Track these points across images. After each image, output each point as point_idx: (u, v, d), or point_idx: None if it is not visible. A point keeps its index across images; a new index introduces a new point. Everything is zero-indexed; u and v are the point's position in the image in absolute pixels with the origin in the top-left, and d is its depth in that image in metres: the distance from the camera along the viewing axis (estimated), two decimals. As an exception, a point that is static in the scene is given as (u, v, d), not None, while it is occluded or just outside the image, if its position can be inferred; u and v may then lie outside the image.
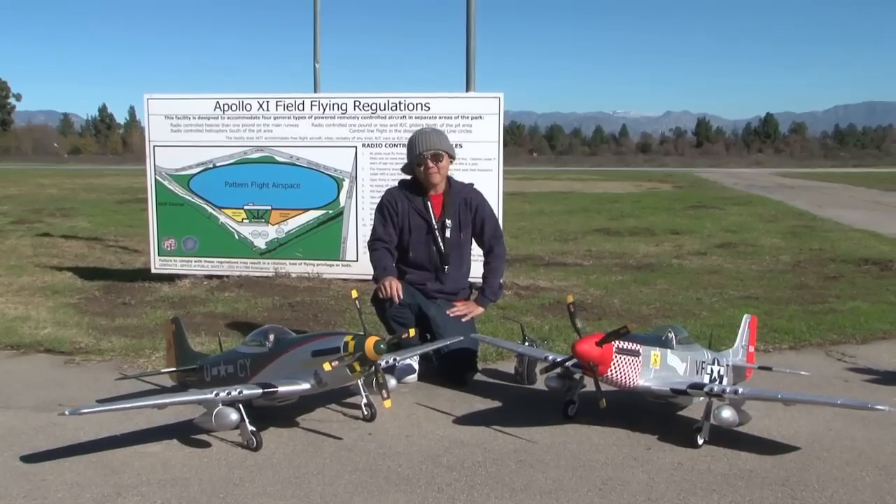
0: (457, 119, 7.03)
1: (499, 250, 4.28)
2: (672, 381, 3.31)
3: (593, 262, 9.45)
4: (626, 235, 12.64)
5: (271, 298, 6.69)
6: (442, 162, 4.10)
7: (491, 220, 4.29)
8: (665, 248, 10.89)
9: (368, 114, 7.12)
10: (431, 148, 4.07)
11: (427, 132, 4.23)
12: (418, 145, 4.10)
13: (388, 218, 4.21)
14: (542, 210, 18.99)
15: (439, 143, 4.14)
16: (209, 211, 7.43)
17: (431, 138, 4.14)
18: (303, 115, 7.22)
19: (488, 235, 4.27)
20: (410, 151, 4.21)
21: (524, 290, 7.20)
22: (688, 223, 14.83)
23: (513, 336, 5.08)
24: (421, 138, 4.13)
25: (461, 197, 4.24)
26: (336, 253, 7.32)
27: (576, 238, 12.33)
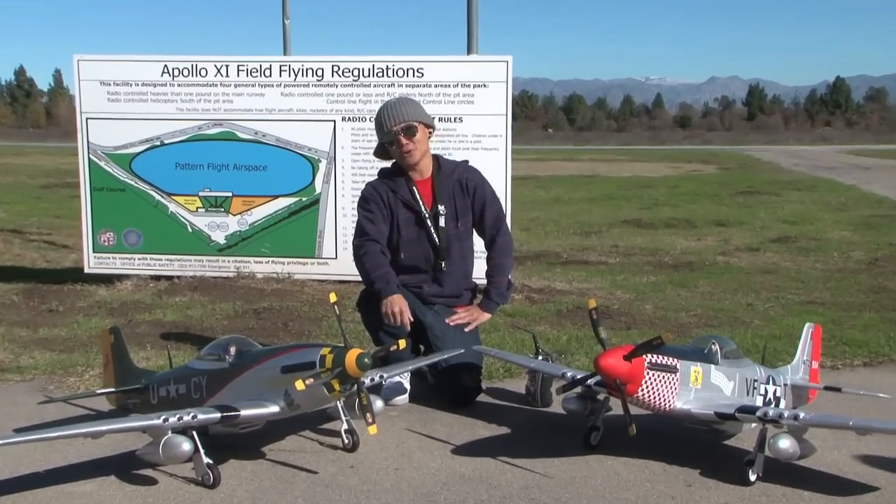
0: (456, 88, 7.02)
1: (503, 241, 4.28)
2: (717, 404, 3.31)
3: (621, 259, 9.43)
4: (661, 228, 12.63)
5: (232, 304, 6.67)
6: (417, 135, 4.09)
7: (493, 203, 4.28)
8: (708, 242, 10.87)
9: (349, 81, 7.13)
10: (401, 120, 4.07)
11: (393, 103, 4.22)
12: (385, 121, 4.11)
13: (377, 211, 4.20)
14: (558, 197, 18.99)
15: (410, 112, 4.13)
16: (156, 198, 7.43)
17: (399, 109, 4.13)
18: (270, 83, 7.20)
19: (490, 223, 4.26)
20: (379, 130, 4.21)
21: (537, 293, 7.19)
22: (736, 213, 14.75)
23: (523, 349, 5.06)
24: (387, 112, 4.13)
25: (454, 178, 4.23)
26: (311, 249, 7.33)
27: (599, 231, 12.31)
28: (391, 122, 4.07)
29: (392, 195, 4.20)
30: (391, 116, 4.09)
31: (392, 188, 4.20)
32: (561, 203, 17.46)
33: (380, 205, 4.20)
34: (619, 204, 17.08)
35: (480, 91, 6.99)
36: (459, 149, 6.72)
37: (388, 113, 4.11)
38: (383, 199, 4.20)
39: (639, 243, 10.79)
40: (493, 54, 7.13)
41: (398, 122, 4.07)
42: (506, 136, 7.02)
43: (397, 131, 4.05)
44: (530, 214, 14.69)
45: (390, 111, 4.11)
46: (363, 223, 4.23)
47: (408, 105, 4.18)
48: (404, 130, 4.06)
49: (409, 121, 4.08)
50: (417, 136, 4.10)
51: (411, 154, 4.09)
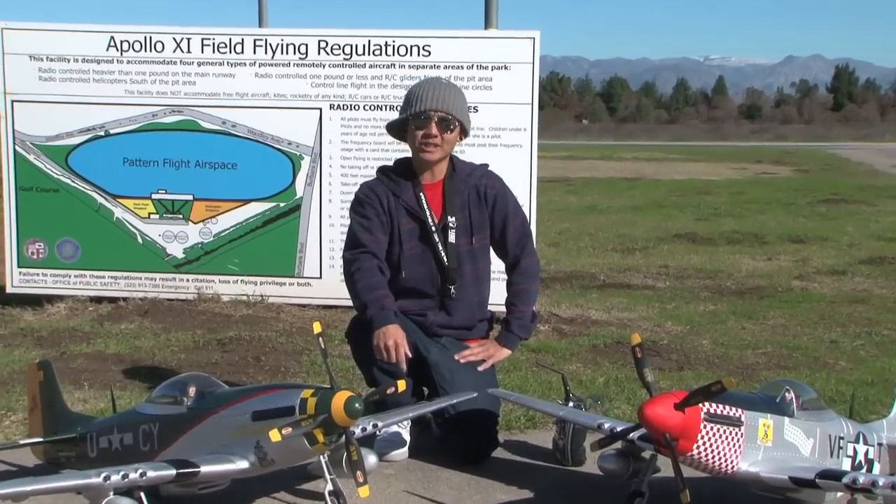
0: (470, 69, 7.11)
1: (528, 263, 4.28)
2: (792, 467, 3.28)
3: (671, 283, 9.47)
4: (722, 244, 12.66)
5: (192, 333, 6.71)
6: (450, 133, 4.13)
7: (516, 217, 4.29)
8: (781, 263, 10.90)
9: (340, 60, 7.21)
10: (443, 107, 4.11)
11: (440, 83, 4.27)
12: (424, 97, 4.13)
13: (375, 217, 4.21)
14: (595, 205, 19.01)
15: (457, 104, 4.17)
16: (99, 201, 7.48)
17: (446, 94, 4.17)
18: (241, 61, 7.27)
19: (513, 242, 4.27)
20: (408, 104, 4.23)
21: (568, 323, 7.20)
22: (817, 227, 14.77)
23: (551, 393, 5.08)
24: (429, 90, 4.16)
25: (470, 185, 4.24)
26: (290, 266, 7.39)
27: (646, 247, 12.35)
28: (430, 101, 4.09)
29: (393, 199, 4.20)
30: (433, 97, 4.12)
31: (394, 190, 4.20)
32: (597, 212, 17.41)
33: (378, 209, 4.19)
34: (669, 213, 17.08)
35: (500, 74, 7.03)
36: (473, 145, 6.70)
37: (430, 91, 4.14)
38: (382, 202, 4.20)
39: (694, 263, 10.78)
40: (517, 29, 7.20)
41: (438, 106, 4.09)
42: (531, 129, 7.06)
43: (433, 117, 4.08)
44: (560, 226, 14.63)
45: (434, 90, 4.15)
46: (357, 231, 4.22)
47: (456, 95, 4.23)
48: (440, 122, 4.09)
49: (451, 112, 4.12)
50: (451, 135, 4.14)
51: (433, 151, 4.11)
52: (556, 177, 26.27)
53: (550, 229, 13.60)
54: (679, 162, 38.47)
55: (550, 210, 16.51)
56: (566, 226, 14.65)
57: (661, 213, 17.13)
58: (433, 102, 4.08)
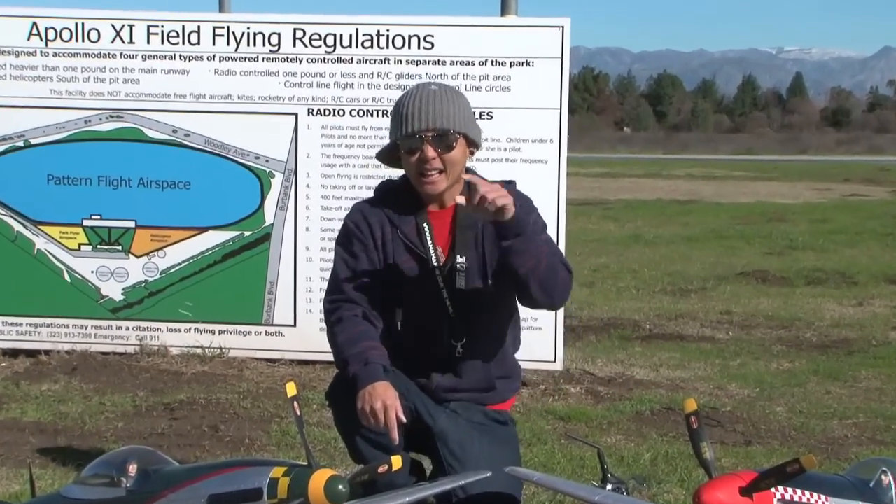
0: (483, 66, 7.22)
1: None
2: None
3: (736, 334, 9.46)
4: (801, 285, 12.70)
5: (132, 395, 6.70)
6: (452, 151, 4.05)
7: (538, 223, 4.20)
8: (876, 309, 10.90)
9: (320, 53, 7.33)
10: (435, 122, 4.03)
11: (428, 92, 4.15)
12: (410, 116, 4.07)
13: (363, 253, 4.19)
14: (639, 234, 19.16)
15: (452, 113, 4.08)
16: (15, 229, 7.51)
17: (436, 104, 4.07)
18: (197, 54, 7.36)
19: None
20: (396, 126, 4.18)
21: (605, 384, 7.22)
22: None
23: (584, 473, 5.10)
24: (416, 104, 4.08)
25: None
26: (256, 311, 7.43)
27: (703, 288, 12.40)
28: (419, 118, 4.01)
29: (390, 230, 4.18)
30: (421, 112, 4.03)
31: (392, 218, 4.17)
32: (642, 243, 17.50)
33: (368, 244, 4.15)
34: (733, 246, 17.13)
35: (521, 72, 7.14)
36: (487, 160, 6.70)
37: (416, 105, 4.06)
38: (375, 234, 4.16)
39: (764, 309, 10.78)
40: (542, 16, 7.31)
41: (429, 124, 4.02)
42: (559, 139, 7.14)
43: (425, 138, 4.02)
44: (595, 260, 14.70)
45: (421, 104, 4.06)
46: (339, 272, 4.18)
47: (451, 101, 4.11)
48: (436, 139, 4.02)
49: (447, 126, 4.03)
50: (453, 153, 4.04)
51: (435, 182, 4.04)
52: (591, 199, 26.25)
53: (583, 265, 13.62)
54: (745, 180, 38.45)
55: (583, 241, 16.54)
56: (603, 261, 14.69)
57: (723, 246, 17.13)
58: (423, 119, 4.02)
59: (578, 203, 23.68)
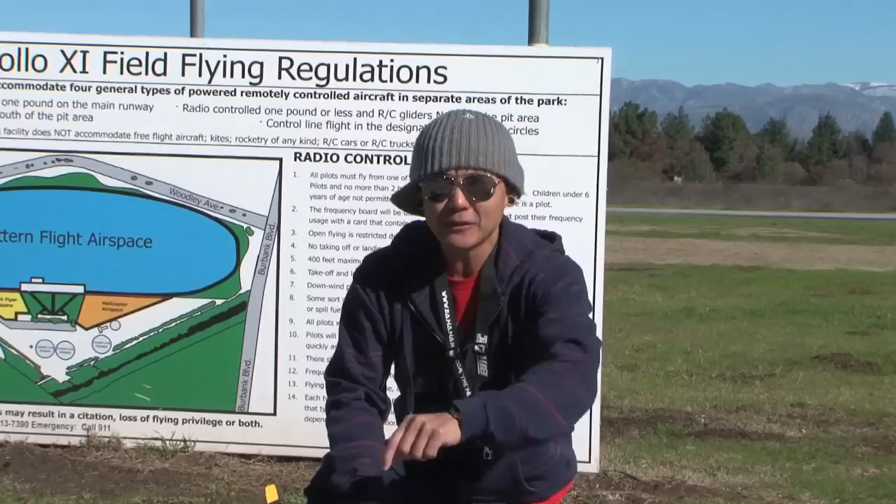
0: (506, 105, 7.20)
1: (568, 354, 3.84)
2: None
3: (811, 430, 9.36)
4: (889, 372, 12.56)
5: (77, 497, 6.59)
6: (491, 199, 3.92)
7: (560, 297, 3.98)
8: None
9: (311, 87, 7.28)
10: (467, 162, 3.88)
11: (460, 122, 3.94)
12: (436, 152, 3.89)
13: (369, 323, 4.12)
14: (692, 307, 19.10)
15: (488, 149, 3.91)
16: (-63, 293, 7.98)
17: (469, 138, 3.87)
18: (163, 86, 7.35)
19: (549, 332, 3.91)
20: (418, 164, 4.03)
21: (650, 491, 7.12)
22: None
23: None
24: (444, 136, 3.89)
25: (517, 281, 4.04)
26: (229, 396, 7.38)
27: (770, 374, 12.29)
28: (448, 156, 3.82)
29: (399, 298, 4.11)
30: (452, 146, 3.83)
31: (405, 283, 4.09)
32: (696, 318, 17.48)
33: (374, 312, 4.06)
34: (807, 323, 17.04)
35: (552, 112, 7.12)
36: (510, 216, 6.37)
37: (446, 137, 3.85)
38: (382, 301, 4.09)
39: (846, 401, 10.66)
40: (577, 45, 7.29)
41: (462, 161, 3.88)
42: (596, 192, 7.11)
43: (454, 180, 3.91)
44: (638, 338, 14.69)
45: (453, 135, 3.86)
46: (342, 342, 4.10)
47: (491, 134, 3.91)
48: (469, 182, 3.89)
49: (484, 165, 3.91)
50: (491, 201, 3.90)
51: (465, 232, 3.89)
52: (635, 263, 26.33)
53: (624, 344, 13.57)
54: (822, 243, 38.38)
55: (625, 314, 16.57)
56: (648, 339, 14.63)
57: (795, 323, 17.04)
58: (455, 155, 3.83)
59: (619, 268, 23.64)
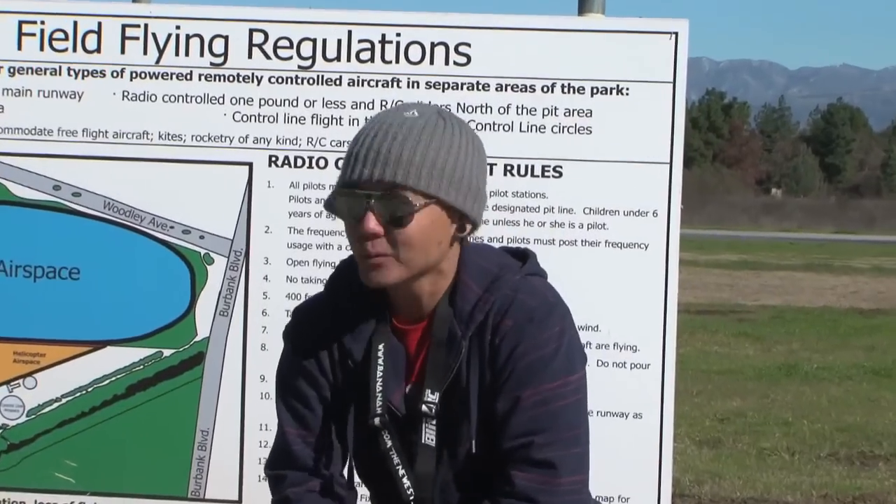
0: (548, 94, 6.91)
1: (530, 491, 3.94)
2: None
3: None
4: None
5: None
6: (408, 227, 3.88)
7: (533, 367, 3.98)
8: None
9: (291, 69, 7.00)
10: (380, 174, 3.87)
11: (396, 119, 4.00)
12: (351, 158, 3.99)
13: (312, 390, 4.13)
14: (794, 364, 19.21)
15: (415, 155, 3.91)
16: None
17: (397, 139, 3.92)
18: (97, 67, 7.07)
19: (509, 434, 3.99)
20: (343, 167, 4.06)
21: None
22: None
23: None
24: (366, 139, 3.96)
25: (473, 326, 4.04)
26: (180, 478, 7.14)
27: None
28: (361, 165, 3.90)
29: (337, 351, 4.08)
30: (368, 152, 3.91)
31: (343, 332, 4.09)
32: (800, 378, 17.47)
33: (318, 379, 4.09)
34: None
35: (609, 103, 6.78)
36: (552, 243, 6.56)
37: (369, 138, 3.95)
38: (323, 363, 4.10)
39: None
40: (642, 16, 6.95)
41: (373, 173, 3.87)
42: (667, 210, 6.77)
43: (365, 195, 3.88)
44: (723, 404, 14.74)
45: (376, 138, 3.93)
46: (283, 422, 4.18)
47: (435, 139, 3.95)
48: (382, 201, 3.86)
49: (402, 180, 3.86)
50: (410, 227, 3.87)
51: (379, 268, 3.93)
52: (718, 304, 26.61)
53: (703, 411, 13.54)
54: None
55: (704, 371, 16.53)
56: (735, 405, 14.64)
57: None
58: (370, 163, 3.87)
59: (698, 311, 23.70)
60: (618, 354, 6.56)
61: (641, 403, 6.49)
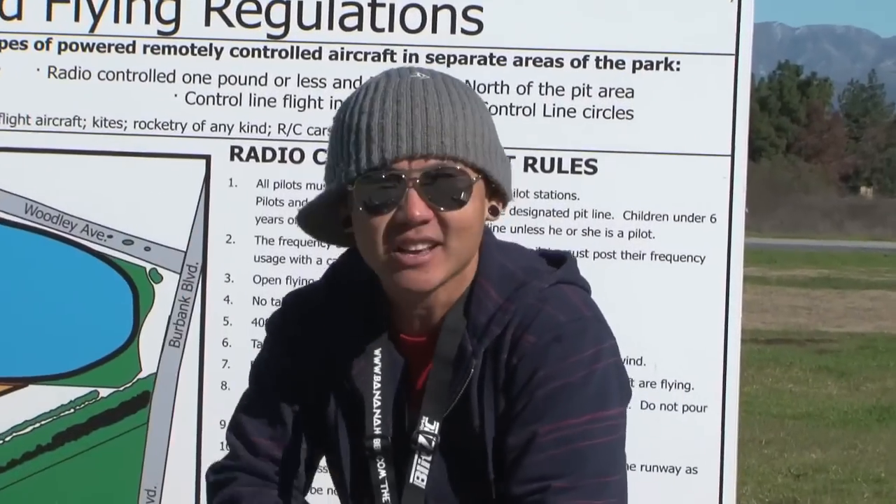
0: (579, 69, 6.97)
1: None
2: None
3: None
4: None
5: None
6: (465, 206, 3.87)
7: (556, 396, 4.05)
8: None
9: (259, 38, 6.99)
10: (426, 149, 3.87)
11: (410, 85, 3.93)
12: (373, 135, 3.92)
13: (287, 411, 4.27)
14: (888, 404, 18.85)
15: (457, 127, 3.94)
16: None
17: (423, 111, 3.88)
18: (17, 37, 7.15)
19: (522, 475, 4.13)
20: (341, 155, 3.99)
21: None
22: None
23: None
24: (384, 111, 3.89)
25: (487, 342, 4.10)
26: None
27: None
28: (394, 139, 3.85)
29: (329, 354, 4.14)
30: (399, 124, 3.87)
31: (334, 344, 4.16)
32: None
33: (288, 378, 4.19)
34: None
35: (654, 81, 6.79)
36: (586, 255, 6.58)
37: (389, 109, 3.89)
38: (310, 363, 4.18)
39: None
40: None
41: (415, 147, 3.84)
42: (728, 215, 6.76)
43: (405, 174, 3.81)
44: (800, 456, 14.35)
45: (399, 107, 3.91)
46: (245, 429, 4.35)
47: (460, 102, 3.94)
48: (428, 179, 3.81)
49: (453, 152, 3.84)
50: (467, 208, 3.86)
51: (426, 266, 3.89)
52: (793, 330, 26.11)
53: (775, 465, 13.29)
54: None
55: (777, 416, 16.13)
56: (815, 457, 14.31)
57: None
58: (407, 137, 3.81)
59: (768, 339, 23.85)
60: (667, 394, 6.44)
61: (696, 455, 6.41)
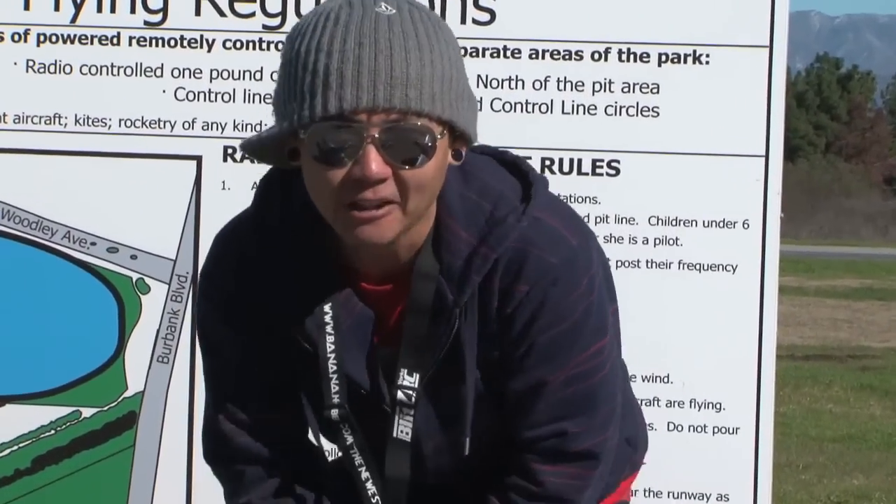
0: (600, 63, 7.24)
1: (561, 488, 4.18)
2: None
3: None
4: None
5: None
6: (427, 164, 3.85)
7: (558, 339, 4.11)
8: None
9: (254, 29, 7.23)
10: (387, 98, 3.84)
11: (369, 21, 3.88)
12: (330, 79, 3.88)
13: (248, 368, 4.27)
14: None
15: (421, 73, 3.86)
16: None
17: (387, 56, 3.82)
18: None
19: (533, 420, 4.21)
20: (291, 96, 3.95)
21: None
22: None
23: None
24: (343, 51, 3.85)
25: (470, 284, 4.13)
26: None
27: None
28: (353, 87, 3.82)
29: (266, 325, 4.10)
30: (360, 70, 3.83)
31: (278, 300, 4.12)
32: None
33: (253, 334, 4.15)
34: None
35: (682, 77, 7.04)
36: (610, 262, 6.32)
37: (350, 50, 3.86)
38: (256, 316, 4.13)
39: None
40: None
41: (377, 98, 3.79)
42: (763, 221, 6.98)
43: (364, 127, 3.79)
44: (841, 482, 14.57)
45: (361, 49, 3.87)
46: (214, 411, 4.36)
47: (429, 44, 3.89)
48: (388, 134, 3.79)
49: (417, 106, 3.79)
50: (429, 165, 3.87)
51: (379, 222, 3.89)
52: (834, 346, 26.37)
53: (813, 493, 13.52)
54: None
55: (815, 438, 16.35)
56: (858, 483, 14.54)
57: None
58: (368, 85, 3.78)
59: (806, 355, 23.72)
60: (696, 415, 6.43)
61: (728, 481, 6.40)
